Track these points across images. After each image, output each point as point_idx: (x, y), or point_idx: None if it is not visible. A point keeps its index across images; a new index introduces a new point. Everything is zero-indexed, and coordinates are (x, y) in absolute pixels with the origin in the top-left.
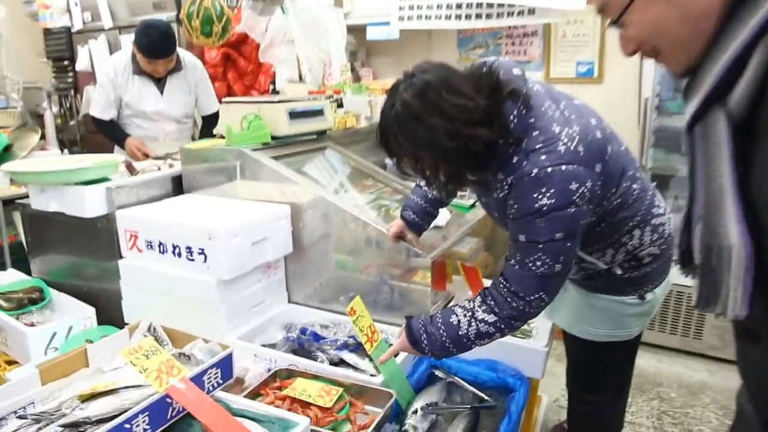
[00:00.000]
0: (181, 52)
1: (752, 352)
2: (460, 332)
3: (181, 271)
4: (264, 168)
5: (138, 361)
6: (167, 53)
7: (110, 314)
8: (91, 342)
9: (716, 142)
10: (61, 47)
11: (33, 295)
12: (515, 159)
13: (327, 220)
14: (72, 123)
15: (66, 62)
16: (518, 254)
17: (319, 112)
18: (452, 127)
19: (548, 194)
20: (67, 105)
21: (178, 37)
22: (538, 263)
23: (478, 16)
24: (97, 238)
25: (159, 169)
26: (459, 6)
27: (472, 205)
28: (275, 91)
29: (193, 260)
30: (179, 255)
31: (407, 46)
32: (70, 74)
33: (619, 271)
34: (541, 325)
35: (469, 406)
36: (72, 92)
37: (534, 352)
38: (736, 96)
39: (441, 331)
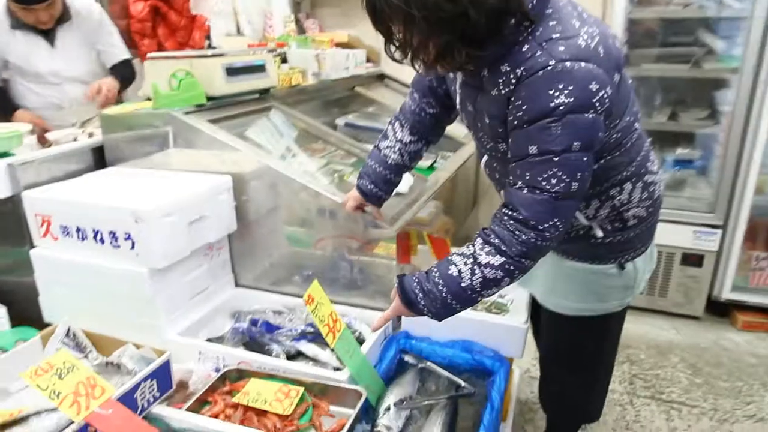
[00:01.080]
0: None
1: None
2: (462, 284)
3: (105, 260)
4: (199, 134)
5: (48, 384)
6: None
7: (28, 313)
8: (4, 350)
9: None
10: None
11: None
12: (525, 47)
13: (275, 191)
14: None
15: None
16: (527, 173)
17: (260, 68)
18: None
19: (566, 91)
20: None
21: None
22: (553, 180)
23: None
24: (2, 225)
25: (76, 139)
26: None
27: (432, 167)
28: (211, 47)
29: (118, 247)
30: (102, 241)
31: None
32: None
33: (599, 233)
34: (517, 297)
35: (445, 397)
36: None
37: (513, 330)
38: None
39: (440, 287)
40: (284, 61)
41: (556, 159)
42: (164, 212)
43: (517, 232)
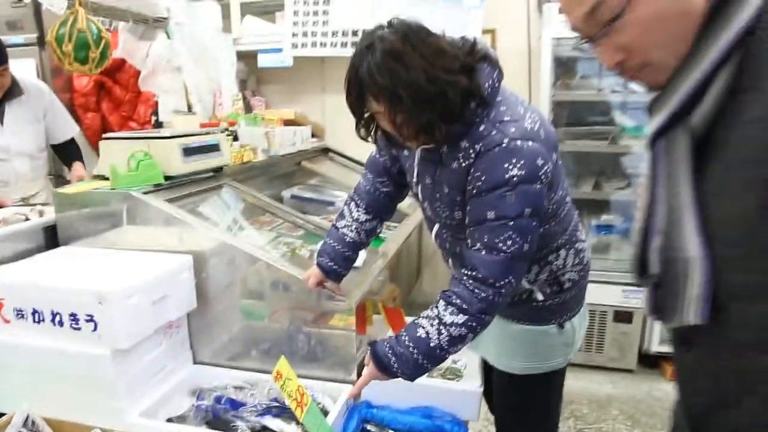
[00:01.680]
0: (20, 76)
1: (685, 359)
2: (431, 344)
3: (64, 343)
4: (159, 213)
5: None
6: None
7: None
8: None
9: (678, 159)
10: None
11: None
12: (482, 126)
13: (232, 267)
14: None
15: None
16: (485, 236)
17: (215, 147)
18: (432, 71)
19: (518, 165)
20: None
21: (41, 62)
22: (509, 242)
23: None
24: None
25: (26, 218)
26: (354, 33)
27: (380, 239)
28: (158, 123)
29: (79, 329)
30: (61, 324)
31: (300, 73)
32: None
33: (540, 297)
34: (470, 362)
35: None
36: None
37: (468, 394)
38: (699, 114)
39: (410, 349)
40: (235, 138)
41: (511, 223)
42: (129, 293)
43: (476, 291)
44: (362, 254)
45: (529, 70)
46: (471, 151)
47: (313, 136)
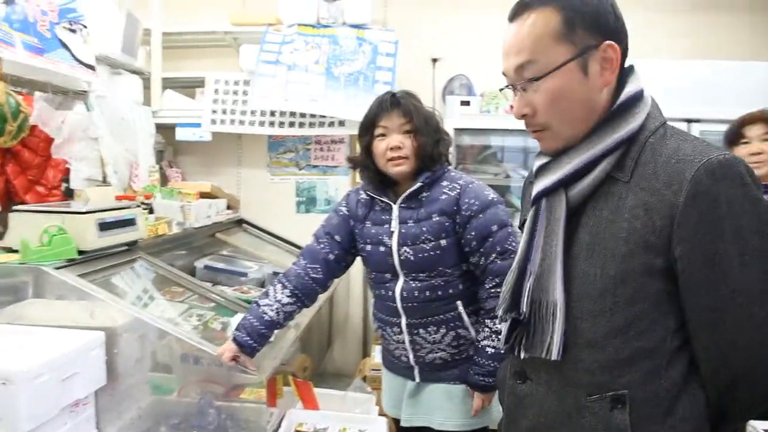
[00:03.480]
0: None
1: (518, 389)
2: (501, 352)
3: None
4: (71, 288)
5: None
6: None
7: None
8: None
9: (557, 217)
10: None
11: None
12: (452, 174)
13: (144, 342)
14: None
15: None
16: (497, 246)
17: (131, 222)
18: (436, 121)
19: (491, 192)
20: None
21: None
22: (514, 244)
23: (291, 124)
24: None
25: None
26: (272, 114)
27: None
28: (69, 190)
29: None
30: None
31: (217, 147)
32: None
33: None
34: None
35: None
36: None
37: None
38: (579, 187)
39: (492, 364)
40: (151, 211)
41: (510, 229)
42: (36, 372)
43: None
44: None
45: None
46: (454, 185)
47: (228, 208)
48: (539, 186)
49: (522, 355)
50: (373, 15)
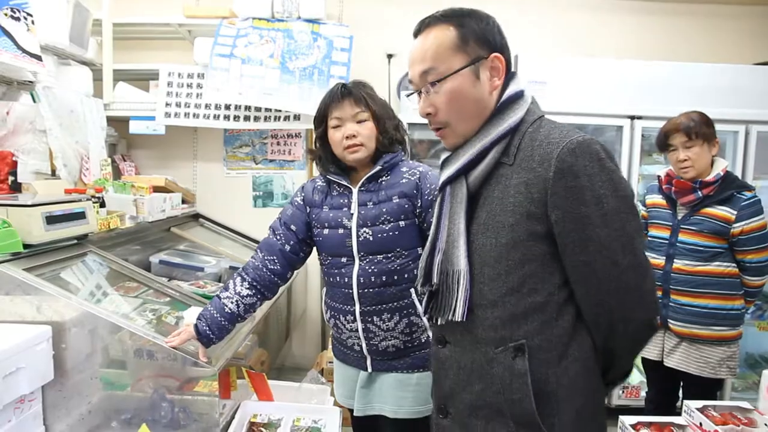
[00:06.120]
0: None
1: (440, 353)
2: None
3: None
4: (16, 283)
5: None
6: None
7: None
8: None
9: (459, 200)
10: None
11: None
12: (407, 162)
13: (94, 336)
14: None
15: None
16: None
17: (80, 215)
18: (392, 109)
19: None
20: None
21: None
22: None
23: (246, 118)
24: None
25: None
26: (227, 107)
27: None
28: (16, 183)
29: None
30: None
31: (171, 140)
32: None
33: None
34: (330, 421)
35: None
36: None
37: None
38: (475, 174)
39: None
40: (102, 205)
41: None
42: None
43: None
44: None
45: None
46: (413, 171)
47: (183, 202)
48: (443, 176)
49: (439, 322)
50: (329, 10)
